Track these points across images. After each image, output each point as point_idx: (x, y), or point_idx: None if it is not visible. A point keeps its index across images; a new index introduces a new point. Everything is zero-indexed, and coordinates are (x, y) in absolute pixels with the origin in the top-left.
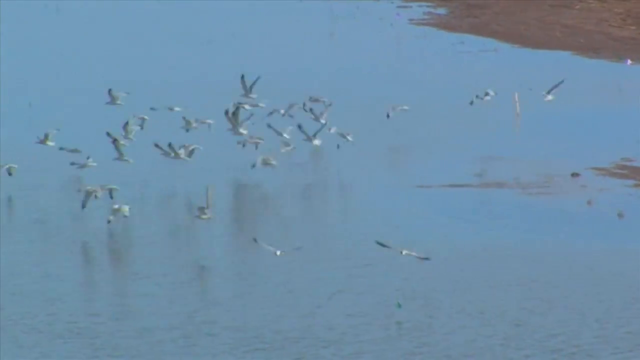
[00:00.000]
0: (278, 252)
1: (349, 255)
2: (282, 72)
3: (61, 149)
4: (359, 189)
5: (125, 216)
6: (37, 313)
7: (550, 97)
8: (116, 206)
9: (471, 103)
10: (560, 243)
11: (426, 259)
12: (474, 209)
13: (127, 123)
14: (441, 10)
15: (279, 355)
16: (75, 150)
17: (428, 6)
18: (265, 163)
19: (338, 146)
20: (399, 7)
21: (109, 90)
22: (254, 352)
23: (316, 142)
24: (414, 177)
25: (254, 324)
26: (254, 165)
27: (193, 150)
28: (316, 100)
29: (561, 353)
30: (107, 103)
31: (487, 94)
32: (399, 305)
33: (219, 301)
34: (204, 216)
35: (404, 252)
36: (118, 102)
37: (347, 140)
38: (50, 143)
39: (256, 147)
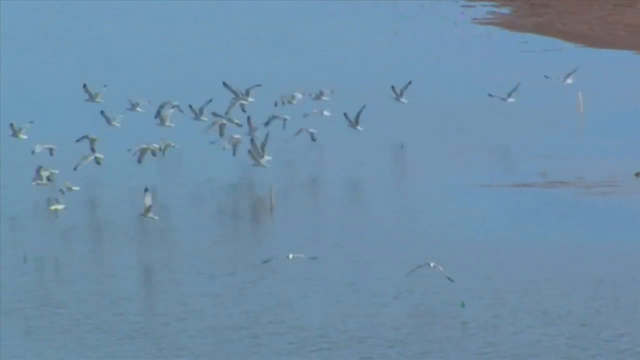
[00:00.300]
0: (290, 256)
1: (415, 255)
2: (347, 70)
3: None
4: (424, 189)
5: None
6: (102, 313)
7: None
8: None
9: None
10: (624, 242)
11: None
12: (538, 209)
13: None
14: (505, 10)
15: (345, 355)
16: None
17: (492, 5)
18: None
19: (402, 146)
20: (463, 6)
21: (84, 86)
22: (319, 352)
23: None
24: (478, 177)
25: (319, 323)
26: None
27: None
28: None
29: (627, 353)
30: (87, 100)
31: (510, 95)
32: (463, 305)
33: (284, 301)
34: (148, 215)
35: (432, 264)
36: (98, 99)
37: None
38: (22, 137)
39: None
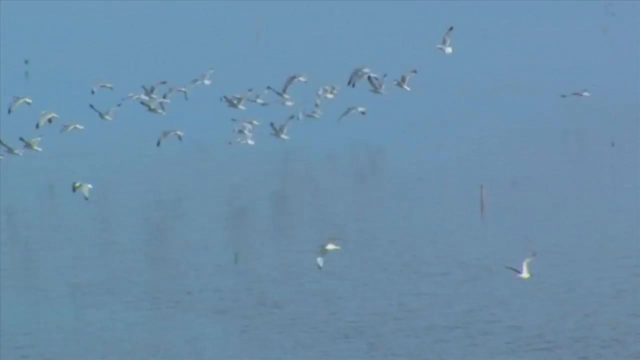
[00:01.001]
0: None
1: (632, 254)
2: (555, 67)
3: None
4: (631, 187)
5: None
6: (317, 312)
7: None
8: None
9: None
10: None
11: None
12: None
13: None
14: None
15: (561, 355)
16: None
17: None
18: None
19: (612, 144)
20: None
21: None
22: (534, 352)
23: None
24: None
25: (535, 323)
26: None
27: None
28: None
29: None
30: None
31: (584, 90)
32: None
33: (499, 300)
34: (79, 187)
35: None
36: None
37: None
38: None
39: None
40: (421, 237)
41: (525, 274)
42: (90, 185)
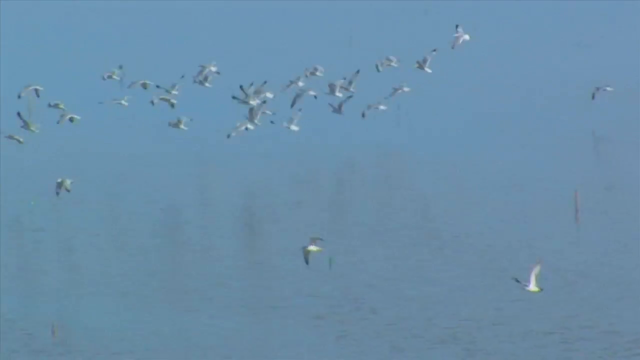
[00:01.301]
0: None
1: None
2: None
3: None
4: None
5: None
6: (414, 317)
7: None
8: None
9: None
10: None
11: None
12: None
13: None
14: None
15: None
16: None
17: None
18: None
19: None
20: None
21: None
22: (631, 357)
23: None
24: None
25: (631, 328)
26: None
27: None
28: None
29: None
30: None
31: (607, 87)
32: None
33: (595, 305)
34: (65, 187)
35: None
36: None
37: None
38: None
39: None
40: (517, 242)
41: (533, 288)
42: (70, 180)
